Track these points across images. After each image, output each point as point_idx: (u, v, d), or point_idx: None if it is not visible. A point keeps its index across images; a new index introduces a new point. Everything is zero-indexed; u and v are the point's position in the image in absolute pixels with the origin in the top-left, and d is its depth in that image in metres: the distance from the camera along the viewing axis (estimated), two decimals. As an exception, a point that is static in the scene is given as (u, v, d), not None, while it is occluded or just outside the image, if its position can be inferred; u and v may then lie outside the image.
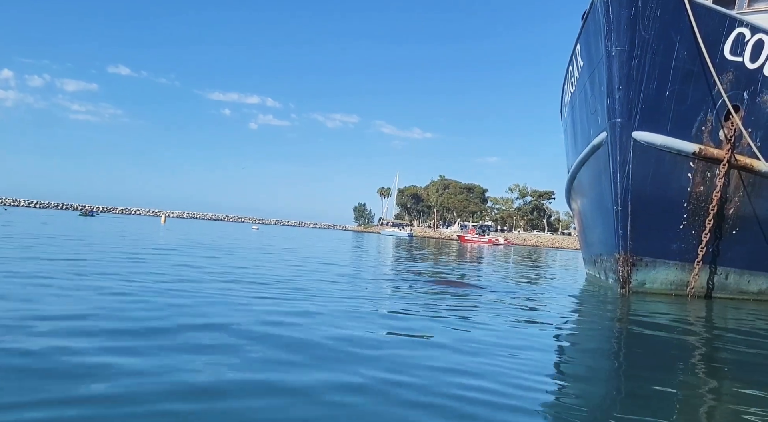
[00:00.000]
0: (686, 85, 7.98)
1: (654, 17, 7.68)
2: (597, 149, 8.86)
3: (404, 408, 2.46)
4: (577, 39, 9.38)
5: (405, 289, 7.26)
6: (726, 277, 9.01)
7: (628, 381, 3.33)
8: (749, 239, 8.78)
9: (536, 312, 6.03)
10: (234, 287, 6.16)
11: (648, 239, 8.48)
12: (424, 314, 5.10)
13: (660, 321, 5.93)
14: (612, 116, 8.11)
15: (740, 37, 7.88)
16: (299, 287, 6.59)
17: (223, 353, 3.16)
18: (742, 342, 4.98)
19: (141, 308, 4.36)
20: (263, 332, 3.78)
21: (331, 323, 4.30)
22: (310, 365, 3.03)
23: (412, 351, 3.57)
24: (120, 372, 2.66)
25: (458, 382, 2.88)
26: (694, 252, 8.44)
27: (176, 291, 5.46)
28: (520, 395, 2.76)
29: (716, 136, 8.24)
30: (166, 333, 3.54)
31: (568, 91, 11.01)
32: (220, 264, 9.21)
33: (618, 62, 7.85)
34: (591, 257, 11.59)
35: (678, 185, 8.38)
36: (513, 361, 3.47)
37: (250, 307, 4.80)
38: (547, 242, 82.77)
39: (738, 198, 8.54)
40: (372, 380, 2.82)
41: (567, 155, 12.51)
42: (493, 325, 4.76)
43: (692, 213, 8.49)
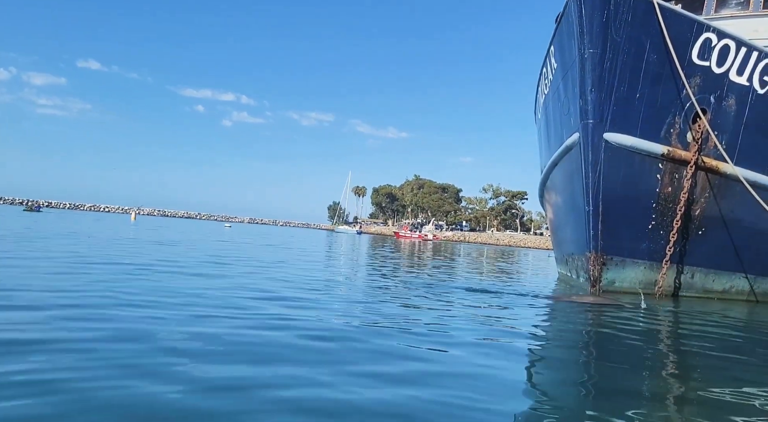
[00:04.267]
0: (656, 88, 8.16)
1: (625, 21, 7.82)
2: (570, 149, 8.99)
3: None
4: (551, 41, 9.50)
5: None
6: (692, 276, 9.25)
7: (601, 377, 3.38)
8: (714, 240, 9.02)
9: (509, 310, 6.08)
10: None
11: (618, 239, 8.64)
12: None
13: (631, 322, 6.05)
14: (584, 117, 8.24)
15: (707, 42, 8.08)
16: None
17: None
18: (704, 337, 5.11)
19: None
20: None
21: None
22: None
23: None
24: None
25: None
26: (662, 252, 8.64)
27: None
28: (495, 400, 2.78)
29: (684, 138, 8.44)
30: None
31: (542, 93, 11.16)
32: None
33: (590, 64, 7.98)
34: (563, 256, 11.77)
35: (647, 186, 8.56)
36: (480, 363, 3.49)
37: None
38: (519, 241, 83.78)
39: (704, 199, 8.77)
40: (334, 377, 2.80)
41: (540, 155, 12.68)
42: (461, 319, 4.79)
43: (660, 214, 8.69)
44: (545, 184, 11.93)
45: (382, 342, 3.69)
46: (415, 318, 4.92)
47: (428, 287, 7.70)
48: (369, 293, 6.69)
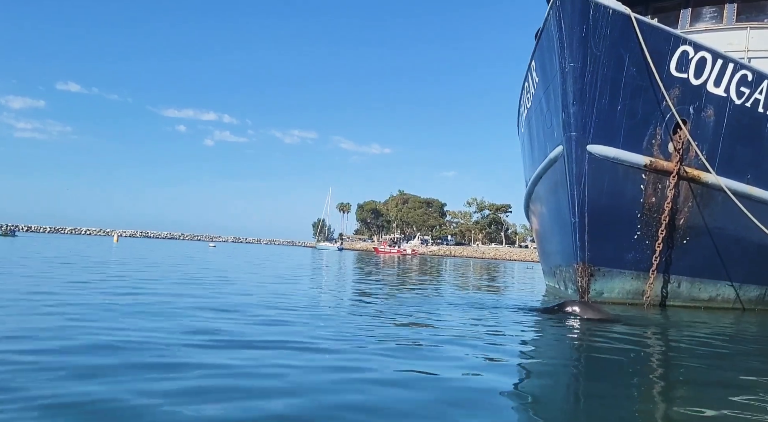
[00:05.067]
0: (636, 100, 8.28)
1: (604, 35, 7.95)
2: (554, 162, 9.06)
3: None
4: (531, 56, 9.61)
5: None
6: (679, 285, 9.31)
7: (591, 382, 3.35)
8: (699, 248, 9.10)
9: (499, 326, 6.05)
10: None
11: (605, 250, 8.68)
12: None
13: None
14: (567, 130, 8.31)
15: (684, 55, 8.24)
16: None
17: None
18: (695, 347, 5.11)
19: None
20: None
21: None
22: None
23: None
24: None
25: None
26: (648, 261, 8.69)
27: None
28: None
29: (666, 149, 8.55)
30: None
31: (524, 106, 11.26)
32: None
33: (572, 78, 8.08)
34: (550, 268, 11.79)
35: (631, 197, 8.64)
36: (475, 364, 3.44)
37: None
38: (504, 254, 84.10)
39: (688, 209, 8.86)
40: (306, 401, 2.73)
41: (524, 168, 12.76)
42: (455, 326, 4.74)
43: (645, 224, 8.76)
44: (530, 197, 11.99)
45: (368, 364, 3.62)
46: (404, 336, 4.85)
47: (415, 306, 7.64)
48: (351, 314, 6.60)
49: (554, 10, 8.03)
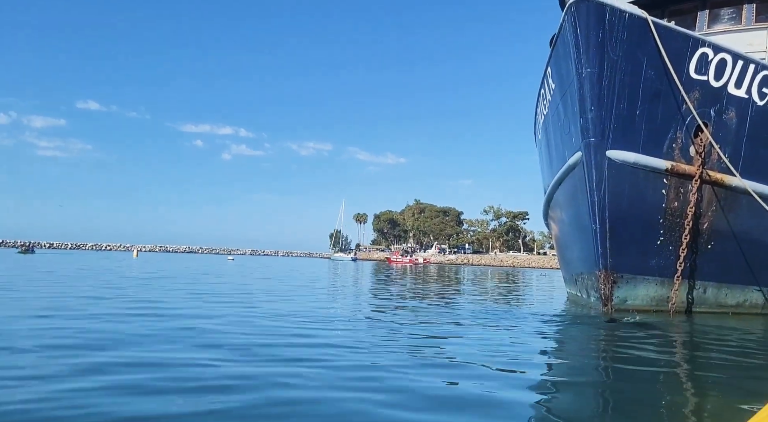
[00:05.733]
0: (655, 104, 8.17)
1: (621, 39, 7.88)
2: (572, 168, 8.96)
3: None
4: (547, 62, 9.56)
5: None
6: (704, 291, 9.11)
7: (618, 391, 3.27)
8: (724, 253, 8.91)
9: (528, 335, 5.97)
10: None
11: (627, 256, 8.54)
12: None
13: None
14: (586, 136, 8.23)
15: (704, 57, 8.13)
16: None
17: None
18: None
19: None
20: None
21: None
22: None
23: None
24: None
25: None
26: (672, 267, 8.53)
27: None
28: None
29: (687, 152, 8.42)
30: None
31: (541, 114, 11.19)
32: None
33: (589, 83, 8.01)
34: (571, 276, 11.64)
35: (653, 202, 8.50)
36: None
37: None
38: (523, 262, 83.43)
39: (711, 213, 8.70)
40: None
41: (543, 175, 12.66)
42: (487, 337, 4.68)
43: (668, 229, 8.61)
44: (549, 204, 11.87)
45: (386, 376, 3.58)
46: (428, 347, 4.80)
47: (436, 316, 7.58)
48: (369, 325, 6.57)
49: (569, 15, 7.98)
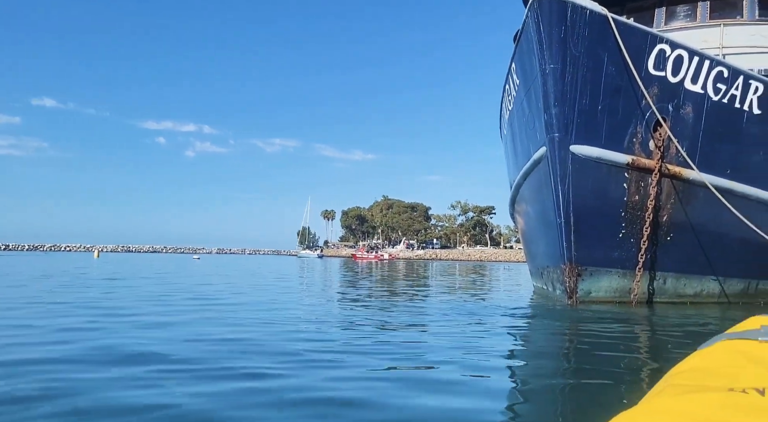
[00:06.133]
0: (616, 100, 8.33)
1: (583, 36, 8.00)
2: (537, 163, 9.08)
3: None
4: (512, 59, 9.65)
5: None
6: (664, 282, 9.37)
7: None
8: (683, 245, 9.18)
9: (490, 329, 6.01)
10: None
11: (591, 249, 8.71)
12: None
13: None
14: (550, 131, 8.34)
15: (662, 53, 8.32)
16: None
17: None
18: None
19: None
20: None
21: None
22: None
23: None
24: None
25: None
26: (634, 259, 8.74)
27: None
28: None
29: (647, 147, 8.62)
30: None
31: (506, 109, 11.30)
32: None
33: (552, 79, 8.11)
34: (537, 269, 11.81)
35: (615, 196, 8.68)
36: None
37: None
38: (490, 256, 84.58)
39: (670, 205, 8.93)
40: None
41: (508, 170, 12.80)
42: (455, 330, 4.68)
43: (630, 222, 8.81)
44: (515, 198, 12.02)
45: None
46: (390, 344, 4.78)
47: (402, 312, 7.57)
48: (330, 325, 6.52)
49: (532, 12, 8.07)
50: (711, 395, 0.77)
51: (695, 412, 0.72)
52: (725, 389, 0.80)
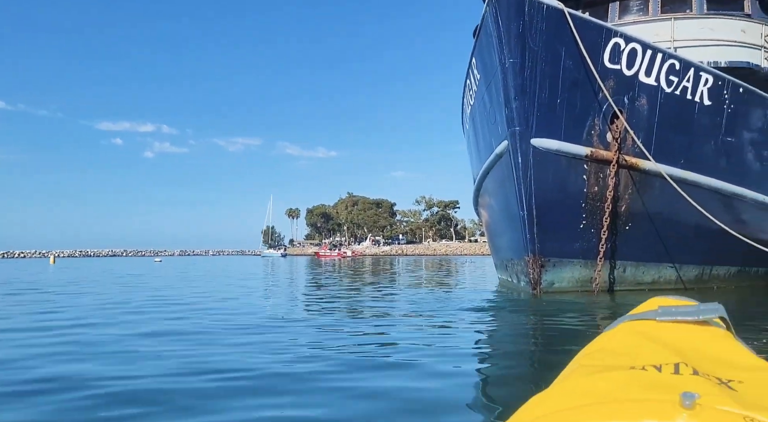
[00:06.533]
0: (574, 93, 8.48)
1: (540, 30, 8.10)
2: (500, 157, 9.17)
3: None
4: (472, 53, 9.71)
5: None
6: (624, 270, 9.62)
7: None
8: (640, 234, 9.43)
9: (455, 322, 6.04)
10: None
11: (553, 241, 8.86)
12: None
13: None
14: (511, 125, 8.43)
15: (616, 47, 8.50)
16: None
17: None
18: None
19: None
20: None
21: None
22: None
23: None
24: None
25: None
26: (595, 249, 8.93)
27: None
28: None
29: (604, 139, 8.81)
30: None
31: (467, 104, 11.37)
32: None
33: (512, 74, 8.19)
34: (502, 262, 11.96)
35: (575, 187, 8.85)
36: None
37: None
38: (455, 250, 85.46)
39: (628, 196, 9.16)
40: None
41: (472, 165, 12.90)
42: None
43: (590, 213, 8.99)
44: (479, 192, 12.13)
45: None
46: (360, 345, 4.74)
47: (371, 308, 7.54)
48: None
49: (491, 7, 8.12)
50: (614, 374, 0.82)
51: (600, 391, 0.76)
52: (627, 367, 0.85)
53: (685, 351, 0.93)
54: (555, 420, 0.68)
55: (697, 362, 0.87)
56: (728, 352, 0.97)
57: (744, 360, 0.95)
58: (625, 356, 0.92)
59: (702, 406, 0.64)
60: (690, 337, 1.01)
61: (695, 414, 0.63)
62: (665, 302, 1.21)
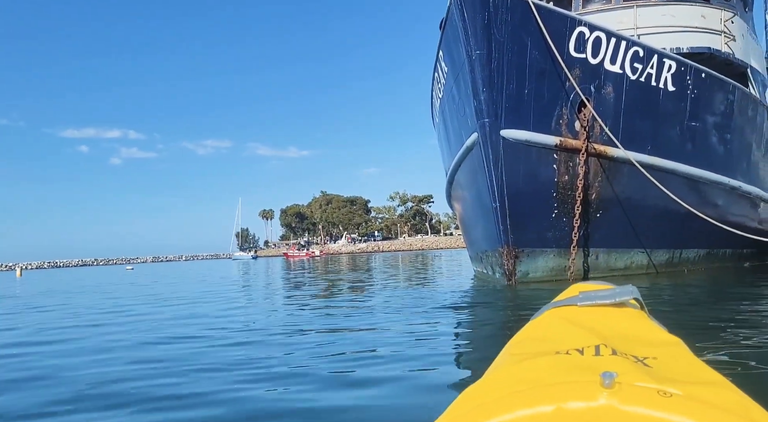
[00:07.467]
0: (541, 83, 8.50)
1: (506, 21, 8.08)
2: (470, 149, 9.15)
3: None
4: (438, 46, 9.66)
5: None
6: (597, 257, 9.71)
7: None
8: (611, 220, 9.53)
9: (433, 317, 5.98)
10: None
11: (527, 231, 8.89)
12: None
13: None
14: (480, 117, 8.41)
15: (581, 36, 8.55)
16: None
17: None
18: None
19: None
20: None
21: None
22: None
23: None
24: None
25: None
26: (568, 238, 8.98)
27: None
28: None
29: (573, 127, 8.86)
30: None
31: (436, 97, 11.33)
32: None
33: (479, 65, 8.16)
34: (476, 254, 11.98)
35: (546, 177, 8.88)
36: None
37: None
38: (431, 244, 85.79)
39: (598, 183, 9.24)
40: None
41: (443, 157, 12.88)
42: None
43: (561, 202, 9.04)
44: (451, 185, 12.11)
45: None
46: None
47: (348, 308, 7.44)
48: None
49: (456, 0, 8.07)
50: (540, 360, 0.85)
51: (528, 378, 0.78)
52: (552, 352, 0.89)
53: (604, 333, 0.99)
54: (488, 409, 0.70)
55: (615, 342, 0.92)
56: (643, 331, 1.04)
57: (657, 337, 1.02)
58: (550, 342, 0.97)
59: (621, 384, 0.68)
60: (608, 319, 1.08)
61: (615, 392, 0.67)
62: (585, 288, 1.28)
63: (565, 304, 1.17)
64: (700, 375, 0.83)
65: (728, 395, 0.72)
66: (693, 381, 0.78)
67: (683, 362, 0.89)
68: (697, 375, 0.83)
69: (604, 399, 0.66)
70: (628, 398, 0.66)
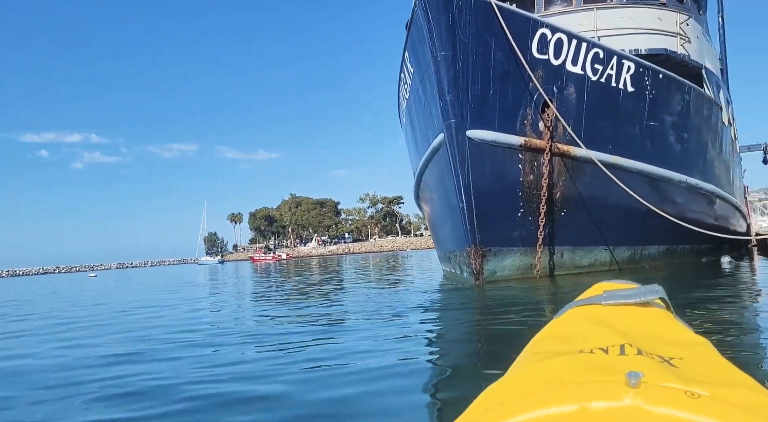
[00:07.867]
0: (506, 83, 8.60)
1: (470, 22, 8.16)
2: (437, 150, 9.20)
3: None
4: (404, 47, 9.70)
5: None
6: (562, 255, 9.88)
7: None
8: (575, 219, 9.71)
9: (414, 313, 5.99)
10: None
11: (493, 230, 8.98)
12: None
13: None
14: (446, 118, 8.46)
15: (543, 37, 8.69)
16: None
17: None
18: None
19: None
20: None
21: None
22: None
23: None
24: None
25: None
26: (534, 237, 9.12)
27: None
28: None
29: (537, 128, 9.00)
30: None
31: (403, 98, 11.36)
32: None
33: (444, 67, 8.22)
34: (445, 254, 12.05)
35: (512, 177, 9.00)
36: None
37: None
38: (402, 245, 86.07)
39: (562, 182, 9.41)
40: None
41: (411, 158, 12.92)
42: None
43: (527, 201, 9.17)
44: (419, 186, 12.16)
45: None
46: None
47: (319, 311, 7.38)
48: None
49: (420, 0, 8.11)
50: (564, 359, 0.85)
51: (551, 376, 0.77)
52: (576, 351, 0.88)
53: (629, 332, 0.97)
54: (510, 408, 0.69)
55: (641, 342, 0.91)
56: (669, 331, 1.02)
57: (683, 337, 1.01)
58: (573, 341, 0.96)
59: (647, 384, 0.67)
60: (633, 319, 1.06)
61: (640, 392, 0.66)
62: (610, 287, 1.24)
63: (589, 303, 1.15)
64: (727, 376, 0.82)
65: (757, 396, 0.71)
66: (720, 382, 0.76)
67: (710, 363, 0.88)
68: (724, 376, 0.82)
69: (630, 399, 0.65)
70: (654, 398, 0.65)
